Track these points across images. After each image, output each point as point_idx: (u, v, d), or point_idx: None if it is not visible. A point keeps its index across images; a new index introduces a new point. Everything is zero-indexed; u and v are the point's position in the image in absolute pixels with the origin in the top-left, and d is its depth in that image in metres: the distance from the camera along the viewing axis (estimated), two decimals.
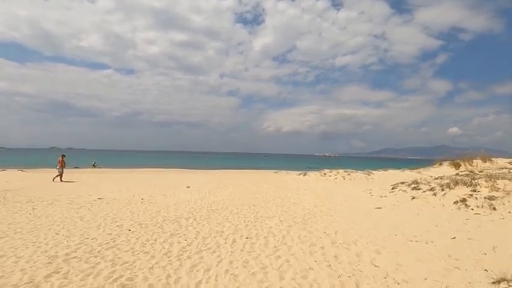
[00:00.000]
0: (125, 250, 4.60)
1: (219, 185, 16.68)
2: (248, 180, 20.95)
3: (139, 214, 8.20)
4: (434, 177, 11.66)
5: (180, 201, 10.95)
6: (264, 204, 10.45)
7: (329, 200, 11.16)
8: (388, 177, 20.86)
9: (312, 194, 13.44)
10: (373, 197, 10.50)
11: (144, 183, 16.55)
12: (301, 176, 23.81)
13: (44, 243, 4.92)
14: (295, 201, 11.12)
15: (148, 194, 12.63)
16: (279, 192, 13.94)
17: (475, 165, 20.43)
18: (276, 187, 16.49)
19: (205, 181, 18.97)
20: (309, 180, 20.68)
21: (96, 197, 11.51)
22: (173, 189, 14.28)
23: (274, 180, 21.50)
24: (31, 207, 8.91)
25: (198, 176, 24.70)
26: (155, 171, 30.57)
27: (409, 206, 8.01)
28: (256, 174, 30.21)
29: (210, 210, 9.02)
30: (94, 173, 24.18)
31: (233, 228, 6.38)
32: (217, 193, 13.53)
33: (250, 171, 37.57)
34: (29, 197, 10.89)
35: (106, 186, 14.78)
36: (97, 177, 19.78)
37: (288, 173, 33.46)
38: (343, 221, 7.04)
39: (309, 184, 18.43)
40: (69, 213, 8.17)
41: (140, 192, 13.17)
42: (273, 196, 12.64)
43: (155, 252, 4.59)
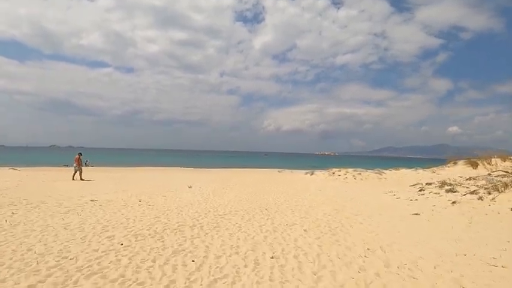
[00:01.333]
0: (112, 279, 3.37)
1: (223, 185, 15.50)
2: (252, 179, 19.76)
3: (135, 220, 7.00)
4: (465, 178, 10.48)
5: (182, 204, 9.76)
6: (277, 207, 9.26)
7: (349, 203, 9.97)
8: (401, 177, 19.69)
9: (327, 195, 12.25)
10: (400, 200, 9.31)
11: (142, 183, 15.36)
12: (308, 175, 22.63)
13: (5, 267, 3.71)
14: (311, 204, 9.93)
15: (146, 195, 11.45)
16: (289, 194, 12.75)
17: (494, 164, 19.25)
18: (284, 187, 15.31)
19: (207, 180, 17.79)
20: (318, 180, 19.49)
21: (89, 198, 10.31)
22: (174, 190, 13.10)
23: (280, 179, 20.30)
24: (11, 211, 7.70)
25: (199, 175, 23.50)
26: (155, 170, 29.35)
27: (452, 213, 6.82)
28: (259, 173, 29.02)
29: (217, 215, 7.82)
30: (89, 172, 22.96)
31: (250, 241, 5.17)
32: (222, 194, 12.35)
33: (253, 170, 36.38)
34: (13, 198, 9.68)
35: (101, 185, 13.59)
36: (93, 176, 18.57)
37: (292, 172, 32.27)
38: (381, 231, 5.84)
39: (319, 184, 17.24)
40: (54, 219, 6.97)
41: (138, 192, 11.98)
42: (284, 198, 11.45)
43: (153, 282, 3.35)
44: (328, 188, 15.48)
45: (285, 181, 18.99)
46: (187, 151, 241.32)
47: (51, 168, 26.28)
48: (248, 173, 30.22)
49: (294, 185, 16.39)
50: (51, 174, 17.90)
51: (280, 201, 10.73)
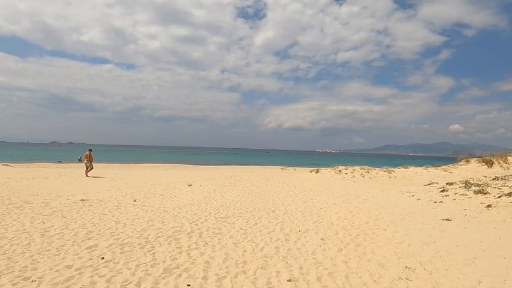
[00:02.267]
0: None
1: (225, 183, 14.62)
2: (255, 177, 18.87)
3: (126, 225, 6.13)
4: (491, 178, 9.54)
5: (181, 204, 8.90)
6: (285, 209, 8.37)
7: (364, 204, 9.06)
8: (412, 175, 18.75)
9: (336, 195, 11.35)
10: (422, 202, 8.39)
11: (140, 180, 14.50)
12: (313, 173, 21.70)
13: None
14: (322, 206, 9.03)
15: (143, 194, 10.60)
16: (295, 193, 11.87)
17: (510, 162, 18.27)
18: (290, 186, 14.42)
19: (208, 178, 16.92)
20: (324, 179, 18.58)
21: (80, 197, 9.46)
22: (173, 188, 12.24)
23: (284, 177, 19.41)
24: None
25: (200, 172, 22.65)
26: (154, 167, 28.58)
27: (492, 219, 5.90)
28: (262, 171, 28.13)
29: (219, 218, 6.95)
30: None
31: (259, 254, 4.28)
32: (224, 193, 11.48)
33: (255, 167, 35.52)
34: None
35: (95, 183, 12.75)
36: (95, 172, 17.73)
37: (296, 170, 31.38)
38: (412, 241, 4.94)
39: (326, 183, 16.34)
40: (33, 223, 6.10)
41: (134, 191, 11.13)
42: (291, 198, 10.56)
43: None
44: (336, 187, 14.58)
45: (290, 179, 18.10)
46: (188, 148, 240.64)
47: (45, 165, 25.53)
48: (250, 170, 29.35)
49: (300, 184, 15.50)
50: (44, 171, 17.08)
51: (287, 201, 9.84)
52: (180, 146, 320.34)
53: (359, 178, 18.36)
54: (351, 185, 15.46)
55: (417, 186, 14.55)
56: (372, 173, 19.36)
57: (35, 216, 6.73)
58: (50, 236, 5.15)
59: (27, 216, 6.69)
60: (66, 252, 4.22)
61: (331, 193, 12.11)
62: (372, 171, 19.79)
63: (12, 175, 13.65)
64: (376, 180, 17.80)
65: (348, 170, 20.41)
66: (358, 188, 14.11)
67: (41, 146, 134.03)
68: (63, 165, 24.85)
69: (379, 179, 18.00)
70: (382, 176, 18.67)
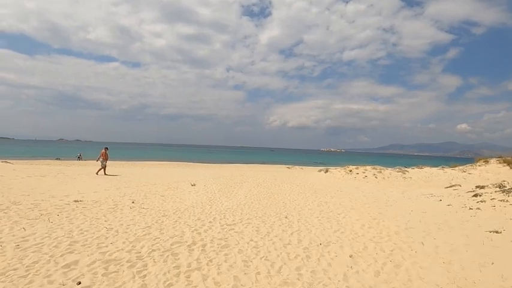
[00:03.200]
0: None
1: (230, 183, 13.78)
2: (262, 176, 18.00)
3: (117, 232, 5.31)
4: None
5: (183, 207, 8.08)
6: (299, 214, 7.47)
7: (386, 209, 8.12)
8: (428, 176, 17.67)
9: (352, 198, 10.42)
10: (454, 209, 7.41)
11: (141, 179, 13.75)
12: (322, 172, 20.74)
13: None
14: (339, 210, 8.12)
15: (142, 195, 9.81)
16: (306, 195, 10.96)
17: None
18: (299, 187, 13.51)
19: (213, 177, 16.10)
20: (335, 179, 17.62)
21: (74, 198, 8.70)
22: (175, 188, 11.44)
23: (292, 177, 18.51)
24: None
25: (204, 170, 21.86)
26: (158, 165, 27.88)
27: None
28: (268, 169, 27.25)
29: (225, 225, 6.09)
30: (83, 166, 21.59)
31: (278, 280, 3.37)
32: (230, 194, 10.63)
33: (261, 166, 34.66)
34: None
35: (93, 182, 12.01)
36: (84, 170, 17.05)
37: (303, 169, 30.43)
38: (464, 262, 3.99)
39: (338, 183, 15.39)
40: (13, 229, 5.32)
41: (134, 191, 10.36)
42: (303, 200, 9.66)
43: None
44: (349, 188, 13.62)
45: (298, 179, 17.19)
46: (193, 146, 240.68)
47: (48, 162, 25.02)
48: (256, 168, 28.49)
49: (310, 184, 14.58)
50: (44, 168, 16.43)
51: (299, 204, 8.95)
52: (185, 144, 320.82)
53: (372, 178, 17.36)
54: (365, 186, 14.49)
55: (438, 188, 13.52)
56: (385, 173, 18.33)
57: (18, 221, 5.96)
58: (25, 247, 4.35)
59: (9, 221, 5.91)
60: (37, 273, 3.40)
61: (345, 195, 11.18)
62: (384, 171, 18.76)
63: (7, 173, 12.99)
64: (390, 181, 16.78)
65: (359, 169, 19.41)
66: (373, 190, 13.14)
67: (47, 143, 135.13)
68: (64, 162, 24.30)
69: (393, 180, 16.98)
70: (396, 177, 17.64)
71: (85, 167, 19.07)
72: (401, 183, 15.95)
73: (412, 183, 16.17)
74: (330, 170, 20.97)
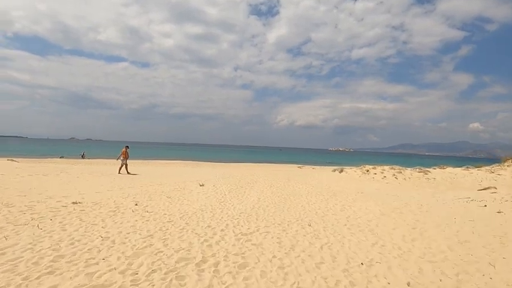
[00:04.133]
0: None
1: (241, 183, 12.89)
2: (273, 176, 17.05)
3: (113, 243, 4.48)
4: None
5: (190, 211, 7.23)
6: (323, 221, 6.51)
7: (423, 216, 7.07)
8: (453, 177, 16.38)
9: (378, 201, 9.37)
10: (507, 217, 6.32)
11: (148, 178, 13.01)
12: (336, 172, 19.67)
13: None
14: (368, 216, 7.12)
15: (147, 196, 9.01)
16: (325, 197, 9.96)
17: None
18: (315, 188, 12.50)
19: (222, 177, 15.25)
20: (351, 179, 16.53)
21: (73, 199, 7.96)
22: (182, 188, 10.62)
23: (305, 177, 17.48)
24: None
25: (213, 170, 21.05)
26: (166, 164, 27.22)
27: None
28: (278, 169, 26.27)
29: (239, 234, 5.19)
30: (88, 165, 21.08)
31: None
32: (242, 195, 9.73)
33: (270, 165, 33.70)
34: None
35: (96, 182, 11.31)
36: (90, 169, 16.45)
37: (314, 168, 29.32)
38: None
39: (356, 184, 14.31)
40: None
41: (138, 191, 9.58)
42: (323, 204, 8.68)
43: None
44: (370, 190, 12.54)
45: (312, 179, 16.17)
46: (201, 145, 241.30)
47: (55, 160, 24.69)
48: (265, 168, 27.55)
49: (326, 185, 13.55)
50: (48, 167, 15.90)
51: (320, 208, 7.98)
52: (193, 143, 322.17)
53: (391, 179, 16.21)
54: (386, 188, 13.38)
55: (469, 190, 12.33)
56: (406, 173, 17.14)
57: (4, 227, 5.20)
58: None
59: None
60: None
61: (368, 198, 10.14)
62: (404, 171, 17.57)
63: (8, 171, 12.44)
64: (412, 182, 15.60)
65: (376, 170, 18.27)
66: (397, 192, 12.03)
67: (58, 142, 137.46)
68: (69, 161, 23.92)
69: (415, 181, 15.79)
70: (418, 177, 16.43)
71: (90, 166, 18.52)
72: (425, 185, 14.76)
73: (437, 184, 14.95)
74: (345, 169, 19.87)
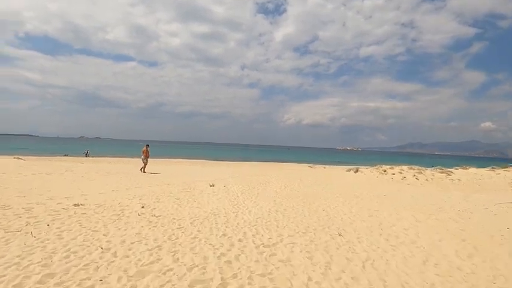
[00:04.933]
0: None
1: (252, 183, 12.15)
2: (285, 175, 16.26)
3: (115, 258, 3.80)
4: None
5: (202, 215, 6.53)
6: (355, 231, 5.70)
7: (465, 224, 6.19)
8: (479, 178, 15.28)
9: (406, 206, 8.50)
10: None
11: (155, 178, 12.39)
12: (351, 172, 18.73)
13: None
14: (404, 224, 6.28)
15: (155, 197, 8.36)
16: (347, 200, 9.12)
17: None
18: (334, 189, 11.65)
19: (232, 176, 14.55)
20: (369, 180, 15.59)
21: (76, 200, 7.36)
22: (192, 189, 9.94)
23: (319, 177, 16.62)
24: None
25: (222, 169, 20.37)
26: (173, 163, 26.70)
27: None
28: (289, 168, 25.42)
29: (261, 246, 4.45)
30: (96, 163, 20.67)
31: None
32: (256, 197, 8.99)
33: (280, 164, 32.87)
34: None
35: (101, 181, 10.73)
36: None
37: (325, 168, 28.37)
38: None
39: (375, 186, 13.39)
40: None
41: (145, 192, 8.94)
42: (347, 208, 7.86)
43: None
44: (392, 191, 11.63)
45: (327, 179, 15.31)
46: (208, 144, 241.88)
47: (63, 158, 24.43)
48: (276, 167, 26.76)
49: (344, 186, 12.69)
50: (53, 165, 15.47)
51: (345, 213, 7.16)
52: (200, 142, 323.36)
53: (412, 180, 15.21)
54: (408, 190, 12.43)
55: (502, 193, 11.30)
56: (427, 174, 16.11)
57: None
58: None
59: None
60: None
61: (394, 201, 9.26)
62: (425, 171, 16.54)
63: (11, 170, 11.98)
64: (436, 183, 14.58)
65: (394, 170, 17.27)
66: (421, 194, 11.10)
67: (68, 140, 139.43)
68: (75, 159, 23.63)
69: (438, 182, 14.77)
70: (441, 178, 15.39)
71: (96, 164, 18.06)
72: (450, 187, 13.74)
73: (463, 186, 13.91)
74: (360, 169, 18.92)
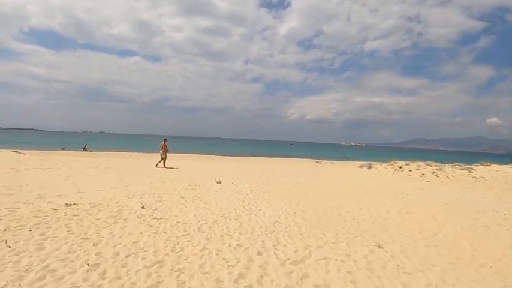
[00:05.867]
0: None
1: (261, 179, 11.27)
2: (294, 171, 15.34)
3: (102, 281, 2.95)
4: None
5: (210, 217, 5.69)
6: (393, 240, 4.80)
7: None
8: (505, 176, 14.21)
9: (437, 207, 7.56)
10: None
11: (158, 174, 11.56)
12: (364, 169, 17.78)
13: None
14: (447, 231, 5.36)
15: (157, 195, 7.53)
16: (368, 199, 8.19)
17: None
18: (348, 187, 10.71)
19: (240, 172, 13.68)
20: (385, 177, 14.62)
21: (68, 199, 6.55)
22: (197, 186, 9.09)
23: (329, 173, 15.68)
24: None
25: (227, 164, 19.50)
26: (177, 157, 25.86)
27: None
28: (296, 164, 24.46)
29: (287, 262, 3.58)
30: (98, 158, 19.92)
31: None
32: (267, 195, 8.11)
33: (286, 160, 31.92)
34: None
35: (100, 177, 9.92)
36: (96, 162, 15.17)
37: (334, 164, 27.38)
38: None
39: (393, 183, 12.43)
40: None
41: (146, 190, 8.10)
42: (374, 209, 6.94)
43: None
44: (415, 190, 10.67)
45: (339, 176, 14.37)
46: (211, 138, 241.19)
47: (64, 153, 23.76)
48: (282, 162, 25.84)
49: (360, 184, 11.75)
50: (51, 159, 14.72)
51: (373, 216, 6.26)
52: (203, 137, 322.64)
53: (432, 178, 14.22)
54: (432, 188, 11.45)
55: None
56: (447, 171, 15.10)
57: None
58: None
59: None
60: None
61: (423, 202, 8.32)
62: (444, 168, 15.52)
63: (5, 164, 11.22)
64: (458, 181, 13.57)
65: (411, 166, 16.29)
66: (448, 194, 10.13)
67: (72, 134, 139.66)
68: (72, 153, 22.95)
69: (460, 180, 13.76)
70: (463, 176, 14.38)
71: (96, 159, 17.30)
72: (476, 185, 12.72)
73: (490, 185, 12.88)
74: (374, 165, 17.95)
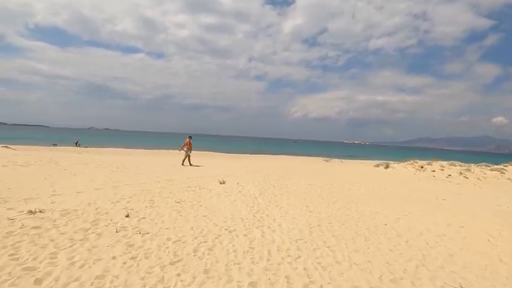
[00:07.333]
0: None
1: (270, 180, 9.90)
2: (303, 171, 13.94)
3: None
4: None
5: (211, 230, 4.36)
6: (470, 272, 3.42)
7: None
8: None
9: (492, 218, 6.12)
10: None
11: (154, 171, 10.24)
12: (381, 168, 16.32)
13: None
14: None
15: (148, 198, 6.22)
16: (399, 205, 6.77)
17: None
18: (370, 190, 9.29)
19: (244, 171, 12.32)
20: (406, 178, 13.16)
21: (38, 203, 5.26)
22: (198, 187, 7.75)
23: (342, 173, 14.24)
24: None
25: (231, 162, 18.15)
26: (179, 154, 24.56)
27: None
28: (304, 162, 23.03)
29: None
30: (99, 154, 18.69)
31: None
32: (280, 200, 6.75)
33: (293, 158, 30.51)
34: None
35: (87, 175, 8.63)
36: (87, 159, 13.92)
37: (343, 162, 25.91)
38: None
39: (418, 185, 10.96)
40: None
41: (137, 191, 6.78)
42: (415, 219, 5.54)
43: None
44: (447, 195, 9.21)
45: (353, 176, 12.92)
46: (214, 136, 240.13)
47: (61, 148, 22.60)
48: (288, 160, 24.43)
49: (378, 185, 10.31)
50: (38, 155, 13.46)
51: (422, 232, 4.85)
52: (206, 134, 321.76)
53: (460, 179, 12.72)
54: (468, 192, 9.97)
55: None
56: (476, 171, 13.58)
57: None
58: None
59: None
60: None
61: (470, 212, 6.88)
62: (473, 168, 14.01)
63: None
64: (493, 184, 12.07)
65: (433, 166, 14.80)
66: (493, 199, 8.66)
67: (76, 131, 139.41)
68: (63, 148, 21.80)
69: (494, 182, 12.26)
70: (496, 178, 12.87)
71: (88, 155, 16.04)
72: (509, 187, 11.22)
73: None
74: (391, 165, 16.48)
